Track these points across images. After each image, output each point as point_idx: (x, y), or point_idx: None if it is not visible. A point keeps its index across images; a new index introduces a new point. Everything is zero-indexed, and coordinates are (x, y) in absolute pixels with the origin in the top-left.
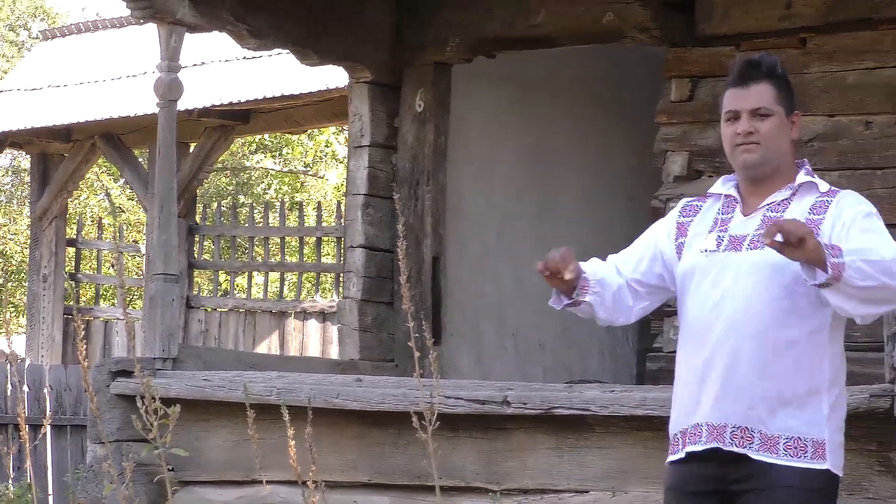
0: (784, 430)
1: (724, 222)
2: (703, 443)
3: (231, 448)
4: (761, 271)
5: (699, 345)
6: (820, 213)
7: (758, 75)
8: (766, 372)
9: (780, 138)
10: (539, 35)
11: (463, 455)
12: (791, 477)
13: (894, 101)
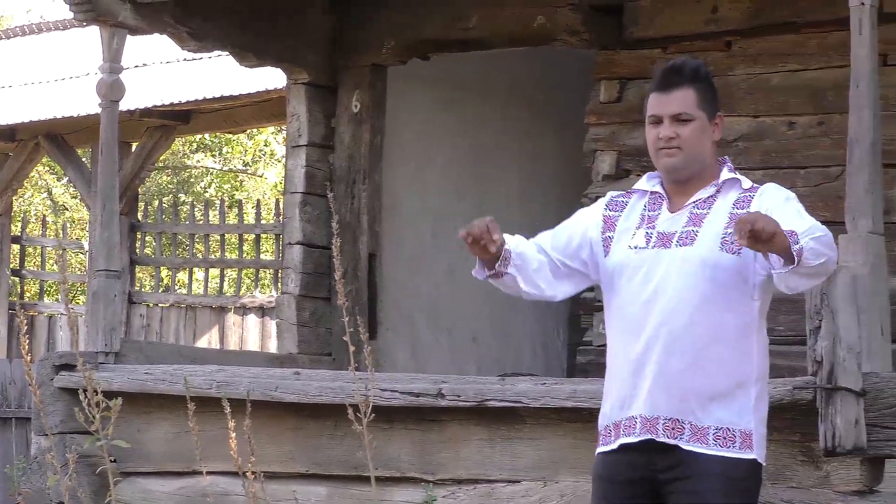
0: (714, 421)
1: (651, 219)
2: (637, 434)
3: (172, 440)
4: (691, 267)
5: (632, 340)
6: (743, 207)
7: (680, 81)
8: (697, 365)
9: (701, 142)
10: (472, 38)
11: (398, 446)
12: (719, 466)
13: (817, 102)
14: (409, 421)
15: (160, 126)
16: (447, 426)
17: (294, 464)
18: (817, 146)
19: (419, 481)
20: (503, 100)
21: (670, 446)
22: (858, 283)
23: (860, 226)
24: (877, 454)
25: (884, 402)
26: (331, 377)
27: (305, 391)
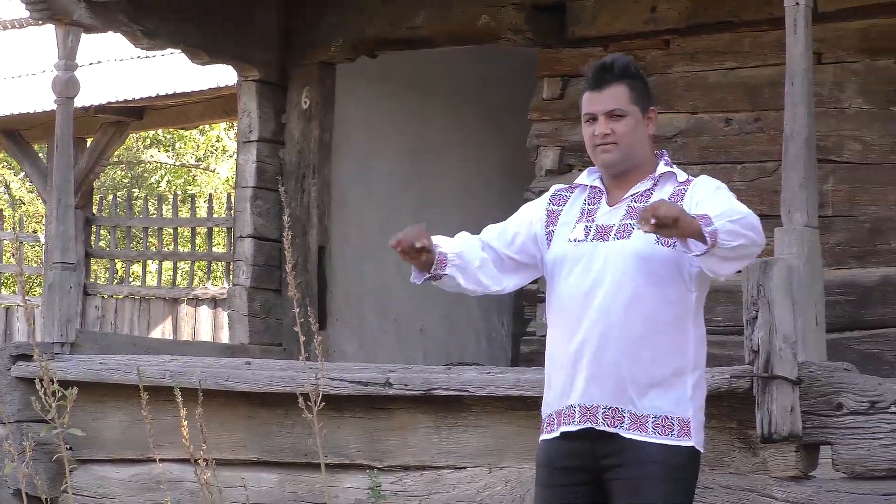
0: (652, 409)
1: (590, 213)
2: (577, 423)
3: (126, 428)
4: (628, 259)
5: (571, 331)
6: (678, 200)
7: (611, 78)
8: (635, 355)
9: (636, 136)
10: (418, 36)
11: (347, 434)
12: (658, 453)
13: (753, 99)
14: (358, 409)
15: (114, 122)
16: (395, 414)
17: (245, 451)
18: (753, 142)
19: (368, 468)
20: (448, 96)
21: (610, 434)
22: (794, 274)
23: (795, 219)
24: (811, 441)
25: (818, 390)
26: (281, 367)
27: (256, 380)
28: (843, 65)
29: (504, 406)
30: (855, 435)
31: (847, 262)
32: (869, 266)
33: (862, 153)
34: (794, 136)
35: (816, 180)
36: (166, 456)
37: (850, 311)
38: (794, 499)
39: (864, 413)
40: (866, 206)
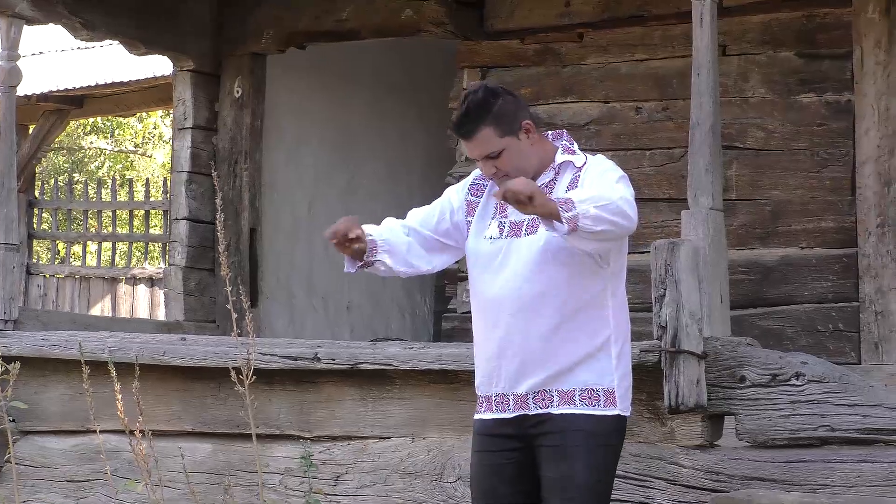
0: (579, 384)
1: (503, 209)
2: (511, 411)
3: (67, 401)
4: (540, 252)
5: (494, 324)
6: (576, 185)
7: (473, 126)
8: (557, 341)
9: (520, 158)
10: (345, 29)
11: (277, 406)
12: (585, 423)
13: (662, 89)
14: (288, 382)
15: (55, 110)
16: (323, 387)
17: (181, 423)
18: (662, 129)
19: (297, 438)
20: (373, 86)
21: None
22: (700, 254)
23: (701, 202)
24: (716, 412)
25: (723, 363)
26: (215, 342)
27: (191, 355)
28: (747, 56)
29: (426, 379)
30: (757, 406)
31: (750, 243)
32: (770, 247)
33: (764, 140)
34: (700, 124)
35: (721, 166)
36: (106, 427)
37: (753, 290)
38: (700, 466)
39: (765, 385)
40: (768, 191)
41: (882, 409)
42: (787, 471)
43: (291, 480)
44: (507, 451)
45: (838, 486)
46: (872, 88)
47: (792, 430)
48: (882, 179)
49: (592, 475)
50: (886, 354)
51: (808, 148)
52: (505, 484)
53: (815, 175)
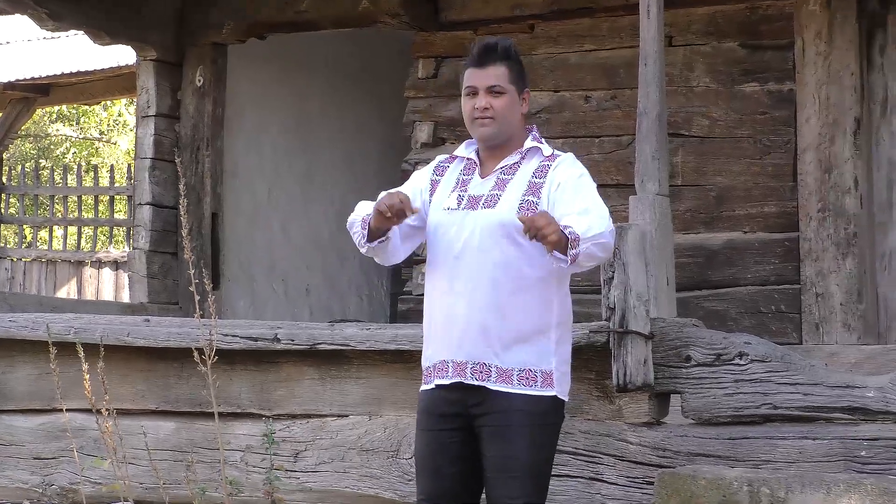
0: (517, 363)
1: (464, 183)
2: (449, 377)
3: (34, 380)
4: (494, 227)
5: (444, 292)
6: (542, 176)
7: (494, 57)
8: (501, 314)
9: (512, 113)
10: (304, 20)
11: (238, 385)
12: (523, 402)
13: (609, 78)
14: (249, 362)
15: (22, 98)
16: (283, 367)
17: (145, 401)
18: (610, 118)
19: (258, 416)
20: (330, 75)
21: (479, 386)
22: (647, 239)
23: (648, 188)
24: (663, 390)
25: (669, 344)
26: (178, 324)
27: (155, 336)
28: (692, 47)
29: (383, 359)
30: (702, 385)
31: (695, 228)
32: (715, 231)
33: (709, 128)
34: (647, 113)
35: (667, 153)
36: (71, 406)
37: (698, 272)
38: (647, 443)
39: (710, 365)
40: (712, 177)
41: (822, 387)
42: (731, 447)
43: (252, 457)
44: (451, 431)
45: (780, 461)
46: (813, 78)
47: (736, 407)
48: (822, 166)
49: (533, 453)
50: (827, 335)
51: (751, 136)
52: (449, 463)
53: (757, 162)
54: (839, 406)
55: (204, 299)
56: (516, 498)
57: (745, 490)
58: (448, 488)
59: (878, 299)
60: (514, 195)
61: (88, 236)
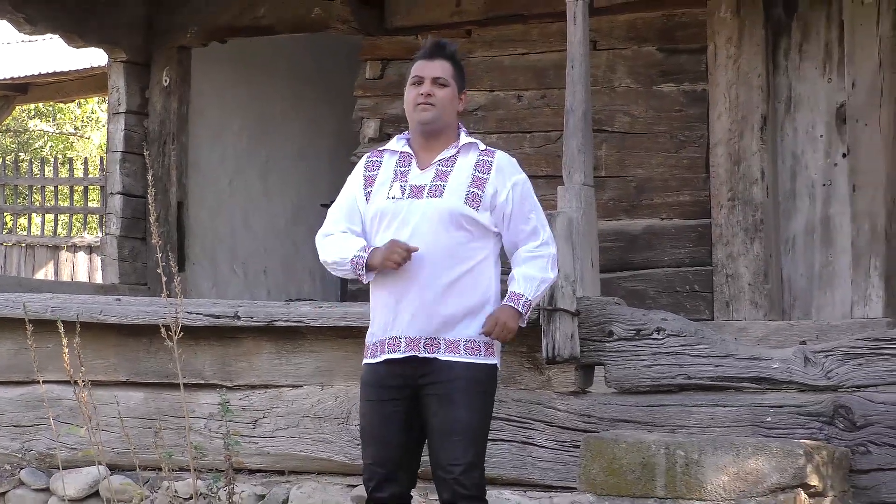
0: (463, 335)
1: (403, 174)
2: (403, 351)
3: (14, 355)
4: (439, 214)
5: (395, 274)
6: (485, 171)
7: (443, 54)
8: (448, 294)
9: (450, 106)
10: (261, 25)
11: (202, 359)
12: (467, 370)
13: (540, 79)
14: (212, 338)
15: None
16: (243, 342)
17: (117, 374)
18: (540, 115)
19: (220, 387)
20: (286, 76)
21: (430, 358)
22: (573, 225)
23: (574, 179)
24: (588, 362)
25: (593, 320)
26: (147, 303)
27: (125, 314)
28: (615, 51)
29: (334, 335)
30: (623, 357)
31: (617, 215)
32: (635, 218)
33: (630, 124)
34: (574, 110)
35: (592, 147)
36: (48, 378)
37: (620, 255)
38: (574, 410)
39: (630, 339)
40: (633, 169)
41: (732, 359)
42: (650, 414)
43: (214, 424)
44: (396, 401)
45: (694, 427)
46: (724, 79)
47: (653, 378)
48: (732, 159)
49: (474, 418)
50: (736, 312)
51: (668, 131)
52: (394, 431)
53: (673, 155)
54: (747, 376)
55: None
56: (458, 459)
57: (662, 453)
58: (393, 454)
59: (783, 279)
60: (460, 186)
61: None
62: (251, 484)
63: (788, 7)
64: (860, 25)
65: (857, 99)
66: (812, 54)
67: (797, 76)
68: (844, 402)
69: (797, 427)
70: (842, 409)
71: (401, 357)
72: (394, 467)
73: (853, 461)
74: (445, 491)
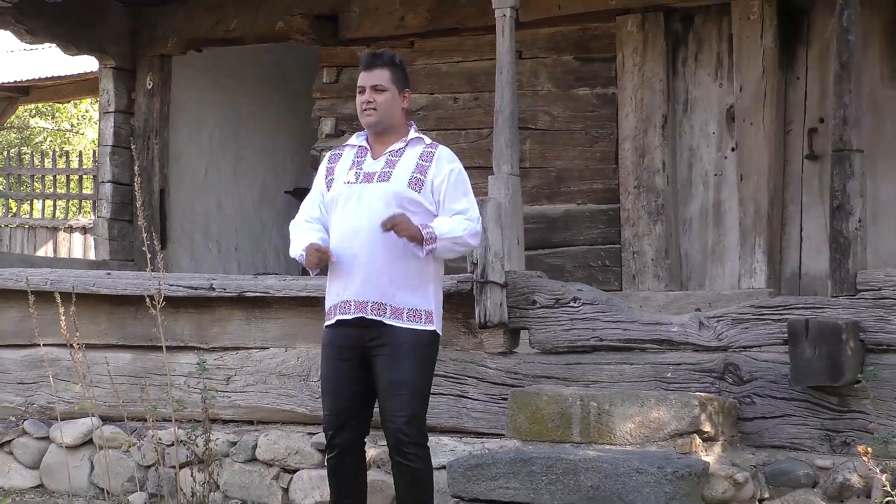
0: (406, 303)
1: (359, 163)
2: (352, 313)
3: (18, 322)
4: (385, 195)
5: (347, 247)
6: (428, 160)
7: (379, 63)
8: (393, 265)
9: (392, 107)
10: (232, 37)
11: (182, 325)
12: (410, 335)
13: (472, 83)
14: (190, 307)
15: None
16: (217, 310)
17: (108, 338)
18: (473, 115)
19: (197, 349)
20: (254, 80)
21: (376, 322)
22: (502, 209)
23: (503, 170)
24: (514, 327)
25: (519, 291)
26: (133, 276)
27: (115, 286)
28: (537, 59)
29: (296, 304)
30: (545, 322)
31: (539, 201)
32: (555, 203)
33: (550, 123)
34: (502, 111)
35: (518, 142)
36: (48, 342)
37: (542, 235)
38: (502, 368)
39: (551, 307)
40: (553, 161)
41: (637, 324)
42: (567, 371)
43: (193, 381)
44: (349, 360)
45: (605, 381)
46: (630, 84)
47: (571, 340)
48: (638, 152)
49: (416, 376)
50: (641, 284)
51: (583, 129)
52: (347, 385)
53: (588, 149)
54: (650, 339)
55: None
56: (402, 411)
57: (578, 404)
58: (347, 405)
59: (681, 256)
60: (405, 172)
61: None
62: (225, 432)
63: (685, 22)
64: (746, 38)
65: (744, 101)
66: (706, 63)
67: (693, 81)
68: (733, 361)
69: (693, 382)
70: (731, 367)
71: (351, 318)
72: (348, 417)
73: (740, 411)
74: (391, 438)
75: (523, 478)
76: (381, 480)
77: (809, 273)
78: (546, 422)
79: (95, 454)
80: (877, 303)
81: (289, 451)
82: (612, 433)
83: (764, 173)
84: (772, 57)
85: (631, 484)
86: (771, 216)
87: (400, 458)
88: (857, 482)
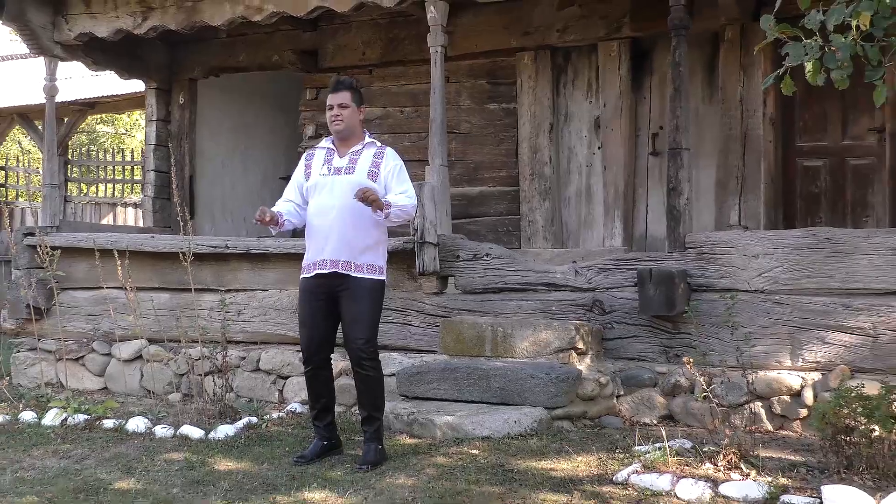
0: (366, 261)
1: (329, 161)
2: (328, 269)
3: (87, 271)
4: (350, 184)
5: (323, 220)
6: (380, 158)
7: (343, 87)
8: (356, 233)
9: (353, 118)
10: (240, 66)
11: (205, 273)
12: (368, 282)
13: (414, 100)
14: (211, 260)
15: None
16: (230, 262)
17: (151, 282)
18: (415, 123)
19: (217, 290)
20: (259, 97)
21: (345, 275)
22: (435, 190)
23: (436, 162)
24: (444, 274)
25: (447, 248)
26: (170, 238)
27: (157, 246)
28: (460, 83)
29: (288, 258)
30: (466, 271)
31: (461, 184)
32: (473, 186)
33: (469, 128)
34: (435, 120)
35: (446, 143)
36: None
37: (464, 209)
38: (436, 304)
39: (470, 260)
40: (472, 156)
41: (532, 272)
42: (482, 306)
43: (214, 313)
44: (320, 302)
45: (509, 313)
46: (527, 101)
47: (484, 284)
48: (532, 150)
49: (371, 310)
50: (534, 244)
51: (493, 133)
52: (319, 317)
53: (497, 148)
54: (541, 282)
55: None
56: (360, 335)
57: (489, 329)
58: (319, 333)
59: (563, 224)
60: (364, 167)
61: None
62: (237, 350)
63: (566, 57)
64: (608, 69)
65: (607, 114)
66: (580, 86)
67: (571, 99)
68: (599, 298)
69: (571, 313)
70: (597, 302)
71: (327, 272)
72: (320, 342)
73: (604, 333)
74: (352, 355)
75: (450, 381)
76: (349, 384)
77: (653, 235)
78: (467, 342)
79: (144, 365)
80: (699, 256)
81: (283, 363)
82: (513, 350)
83: (621, 165)
84: (626, 82)
85: (527, 385)
86: (626, 195)
87: (359, 368)
88: (685, 383)
